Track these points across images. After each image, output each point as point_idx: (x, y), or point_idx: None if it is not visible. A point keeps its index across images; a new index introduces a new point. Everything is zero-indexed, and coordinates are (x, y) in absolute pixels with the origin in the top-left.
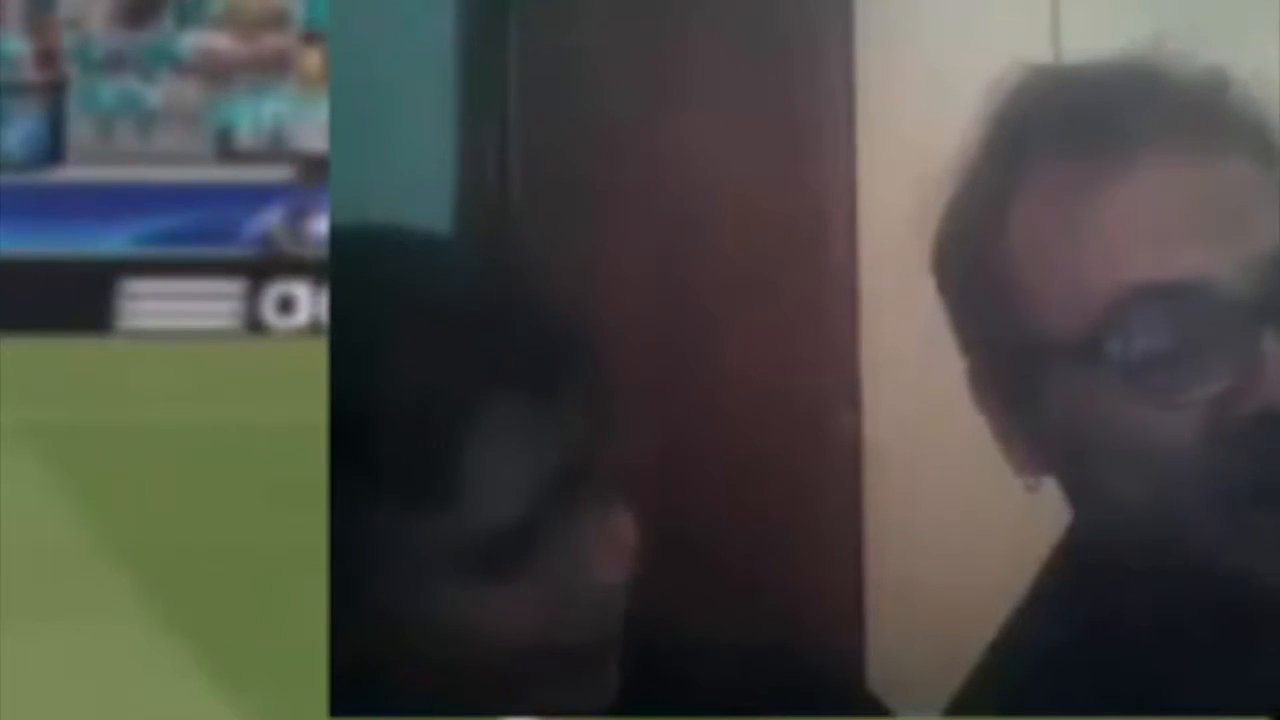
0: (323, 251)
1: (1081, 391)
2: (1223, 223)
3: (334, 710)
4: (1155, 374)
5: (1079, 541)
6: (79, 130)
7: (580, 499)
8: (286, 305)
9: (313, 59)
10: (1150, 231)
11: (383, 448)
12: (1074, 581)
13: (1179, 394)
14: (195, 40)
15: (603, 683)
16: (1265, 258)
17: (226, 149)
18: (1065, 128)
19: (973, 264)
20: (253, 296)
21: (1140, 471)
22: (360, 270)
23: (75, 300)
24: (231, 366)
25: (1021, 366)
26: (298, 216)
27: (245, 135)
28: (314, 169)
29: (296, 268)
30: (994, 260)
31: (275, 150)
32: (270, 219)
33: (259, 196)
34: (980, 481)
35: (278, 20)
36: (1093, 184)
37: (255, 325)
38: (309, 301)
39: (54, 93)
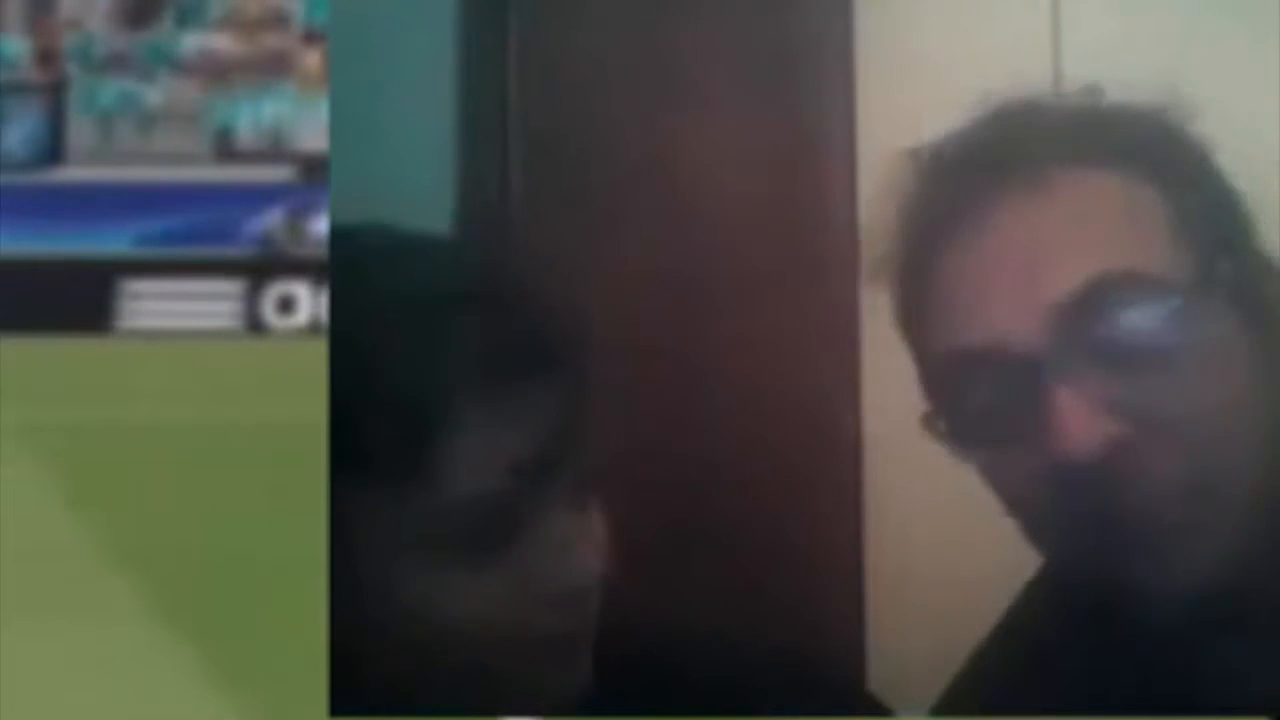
0: (323, 251)
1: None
2: (1036, 269)
3: (334, 710)
4: (978, 437)
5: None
6: (79, 130)
7: (559, 494)
8: (286, 305)
9: (313, 59)
10: (973, 294)
11: (380, 445)
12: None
13: (992, 455)
14: (195, 40)
15: (575, 675)
16: (1058, 308)
17: (226, 149)
18: (943, 196)
19: (904, 327)
20: (253, 296)
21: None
22: (360, 270)
23: (75, 300)
24: (231, 366)
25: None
26: (298, 216)
27: (245, 135)
28: (314, 169)
29: (296, 268)
30: (915, 325)
31: (275, 150)
32: (270, 219)
33: (259, 196)
34: (981, 480)
35: (278, 20)
36: (950, 248)
37: (255, 325)
38: (309, 301)
39: (54, 93)
